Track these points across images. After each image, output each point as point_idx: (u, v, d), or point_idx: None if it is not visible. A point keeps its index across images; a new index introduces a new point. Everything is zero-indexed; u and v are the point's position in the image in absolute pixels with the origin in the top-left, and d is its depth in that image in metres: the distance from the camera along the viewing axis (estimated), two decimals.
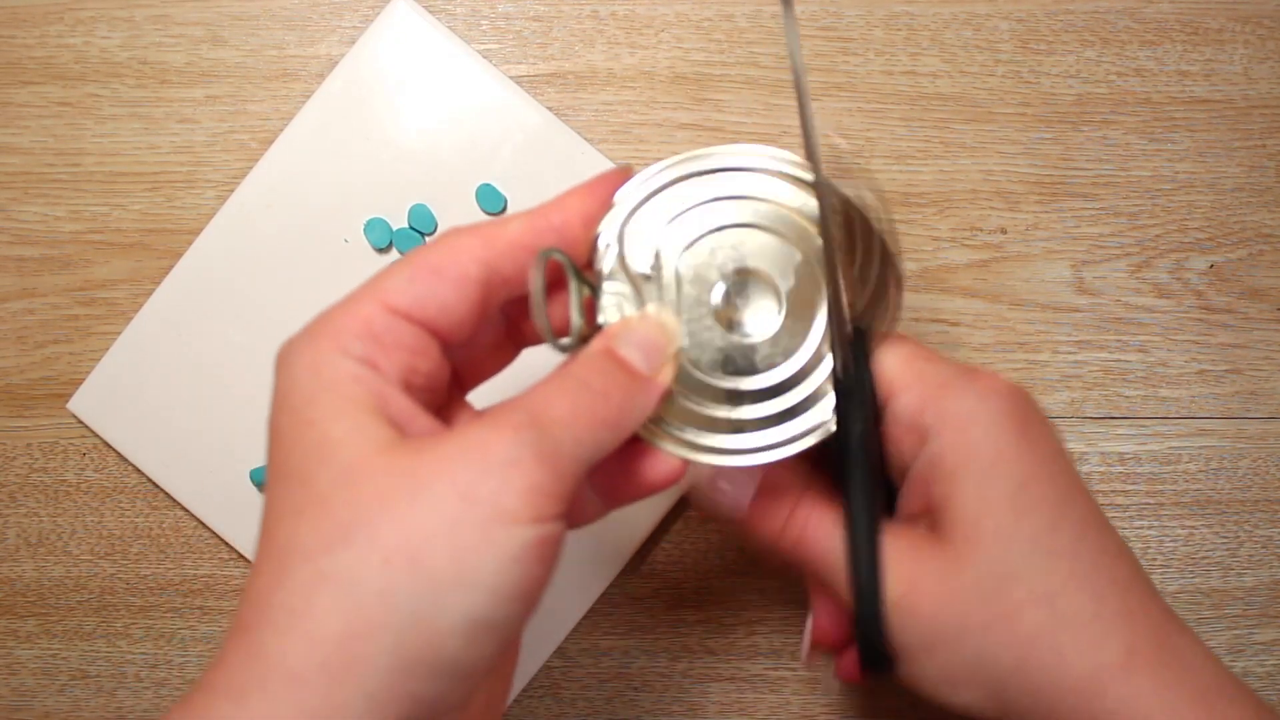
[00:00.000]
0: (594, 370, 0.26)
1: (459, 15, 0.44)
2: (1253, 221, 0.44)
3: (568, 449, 0.24)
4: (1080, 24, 0.44)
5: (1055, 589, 0.27)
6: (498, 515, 0.22)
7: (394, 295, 0.25)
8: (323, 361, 0.24)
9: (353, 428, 0.23)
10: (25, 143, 0.43)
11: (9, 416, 0.43)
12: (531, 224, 0.27)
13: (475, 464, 0.23)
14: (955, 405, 0.28)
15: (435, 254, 0.26)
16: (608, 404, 0.25)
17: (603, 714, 0.43)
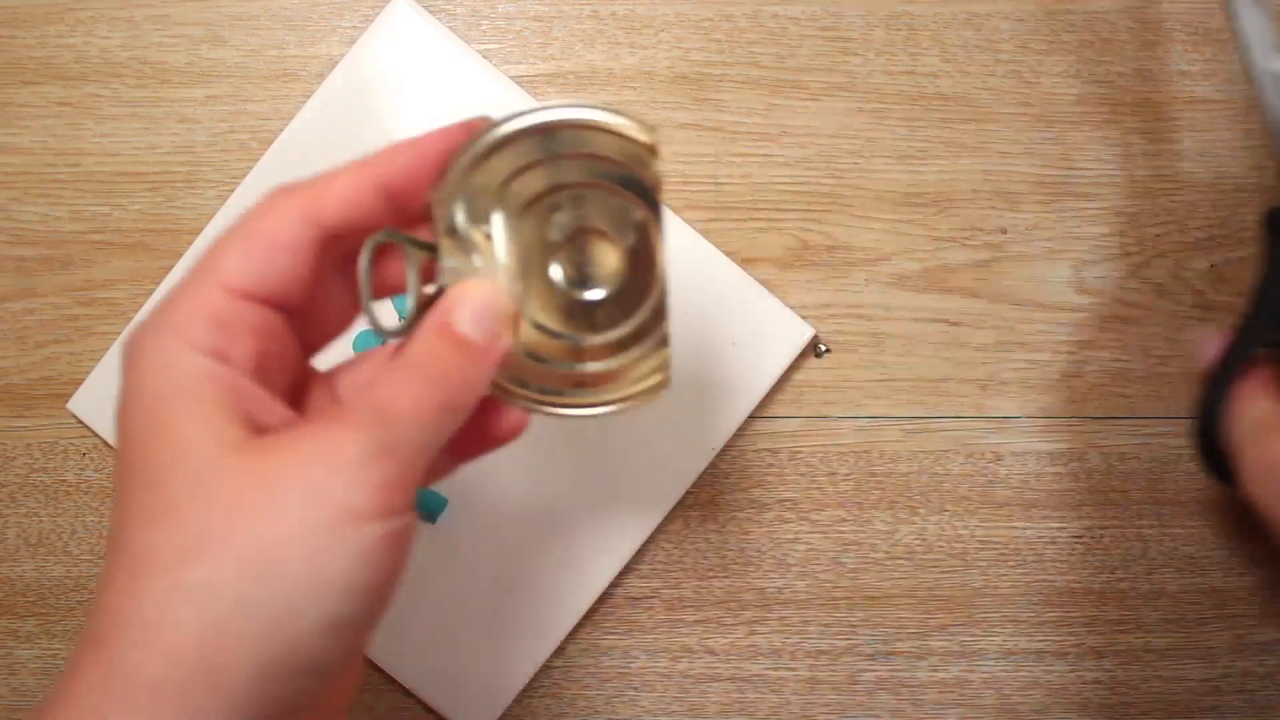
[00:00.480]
0: (432, 354, 0.25)
1: (459, 15, 0.44)
2: (1253, 221, 0.44)
3: (413, 440, 0.24)
4: (1080, 24, 0.44)
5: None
6: (348, 515, 0.23)
7: (234, 276, 0.24)
8: (172, 359, 0.24)
9: (204, 430, 0.23)
10: (25, 143, 0.43)
11: (9, 416, 0.43)
12: (357, 177, 0.26)
13: (325, 466, 0.23)
14: None
15: (265, 222, 0.25)
16: (447, 387, 0.25)
17: (603, 714, 0.43)
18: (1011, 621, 0.43)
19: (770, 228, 0.44)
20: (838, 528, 0.43)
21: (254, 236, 0.25)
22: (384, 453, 0.23)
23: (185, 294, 0.25)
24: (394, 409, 0.24)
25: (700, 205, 0.44)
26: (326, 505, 0.22)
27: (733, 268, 0.43)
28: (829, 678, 0.43)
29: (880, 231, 0.44)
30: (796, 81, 0.44)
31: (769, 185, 0.44)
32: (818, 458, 0.44)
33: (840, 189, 0.44)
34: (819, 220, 0.44)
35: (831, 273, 0.44)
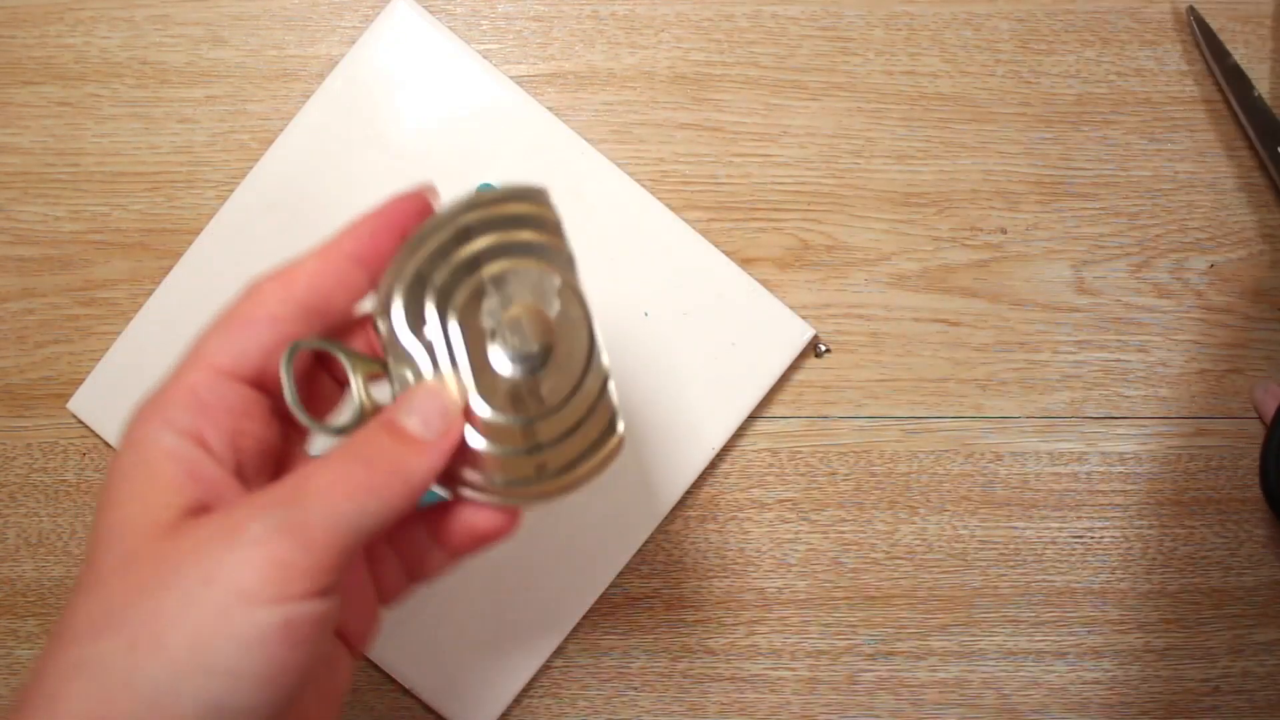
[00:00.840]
0: (364, 439, 0.25)
1: (459, 15, 0.44)
2: (1253, 221, 0.44)
3: (323, 520, 0.23)
4: (1080, 24, 0.44)
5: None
6: (237, 597, 0.22)
7: (216, 355, 0.25)
8: (145, 437, 0.25)
9: (143, 509, 0.24)
10: (25, 143, 0.43)
11: (9, 416, 0.43)
12: (327, 252, 0.27)
13: (221, 545, 0.23)
14: None
15: (241, 305, 0.26)
16: (372, 470, 0.24)
17: (603, 714, 0.43)
18: (1011, 621, 0.43)
19: (770, 228, 0.44)
20: (838, 528, 0.43)
21: (234, 317, 0.26)
22: (281, 531, 0.23)
23: (173, 375, 0.26)
24: (307, 486, 0.24)
25: (700, 205, 0.44)
26: (216, 585, 0.22)
27: (733, 268, 0.43)
28: (829, 678, 0.43)
29: (880, 231, 0.44)
30: (796, 81, 0.44)
31: (769, 185, 0.44)
32: (818, 458, 0.44)
33: (840, 189, 0.44)
34: (819, 220, 0.44)
35: (831, 273, 0.44)
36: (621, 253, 0.43)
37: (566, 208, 0.42)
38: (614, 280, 0.43)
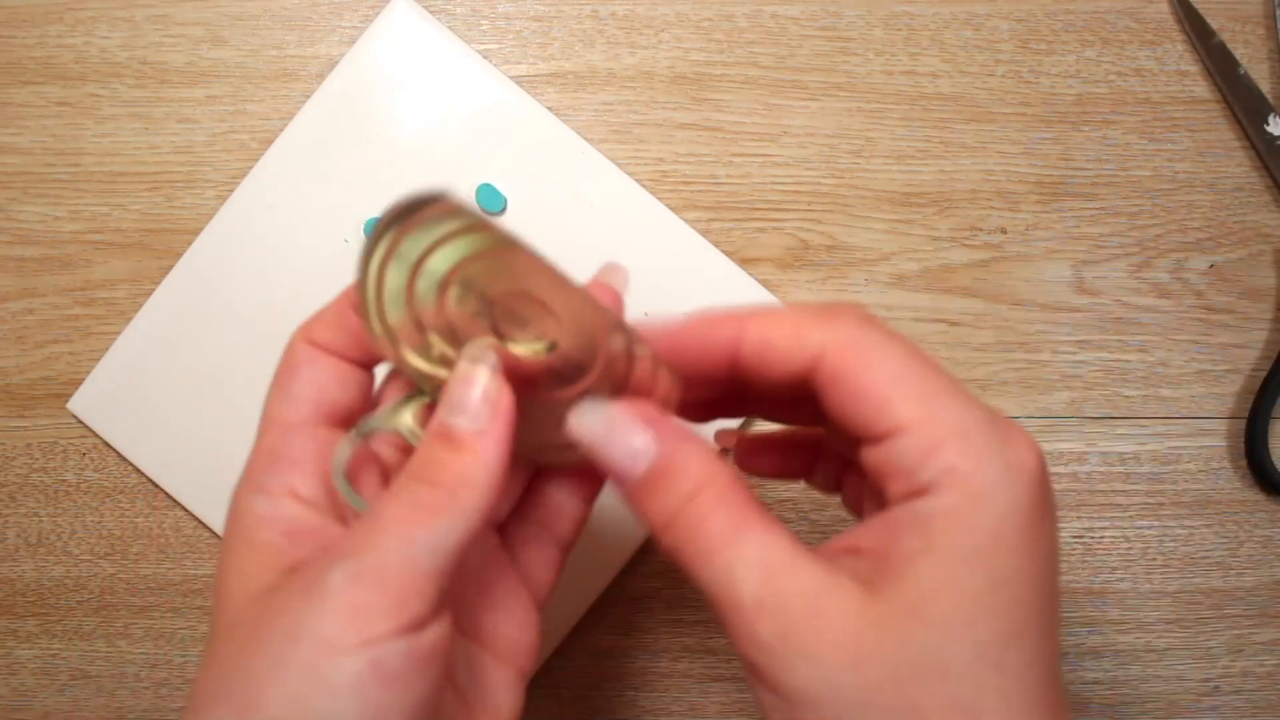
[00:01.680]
0: (422, 457, 0.25)
1: (459, 15, 0.44)
2: (1253, 221, 0.44)
3: (398, 555, 0.23)
4: (1080, 24, 0.44)
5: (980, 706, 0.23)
6: (322, 649, 0.22)
7: (280, 413, 0.26)
8: (240, 509, 0.25)
9: (244, 579, 0.24)
10: (25, 143, 0.43)
11: (9, 416, 0.43)
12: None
13: (303, 600, 0.23)
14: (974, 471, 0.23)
15: (286, 358, 0.27)
16: (436, 488, 0.24)
17: (603, 714, 0.43)
18: None
19: (770, 228, 0.44)
20: (837, 528, 0.43)
21: (281, 372, 0.27)
22: (360, 576, 0.23)
23: (255, 446, 0.26)
24: (377, 525, 0.24)
25: (700, 205, 0.44)
26: (302, 641, 0.22)
27: (733, 268, 0.43)
28: None
29: (880, 231, 0.44)
30: (796, 81, 0.44)
31: (769, 185, 0.44)
32: None
33: (840, 189, 0.44)
34: (819, 220, 0.44)
35: (831, 273, 0.44)
36: (621, 253, 0.43)
37: (566, 208, 0.43)
38: None
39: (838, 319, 0.24)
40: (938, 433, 0.23)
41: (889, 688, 0.22)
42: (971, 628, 0.23)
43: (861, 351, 0.24)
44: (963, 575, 0.23)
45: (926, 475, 0.23)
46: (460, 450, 0.24)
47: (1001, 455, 0.23)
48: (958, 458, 0.23)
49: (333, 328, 0.27)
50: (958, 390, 0.24)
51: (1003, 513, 0.23)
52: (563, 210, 0.43)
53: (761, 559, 0.23)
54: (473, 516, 0.24)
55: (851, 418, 0.24)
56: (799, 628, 0.23)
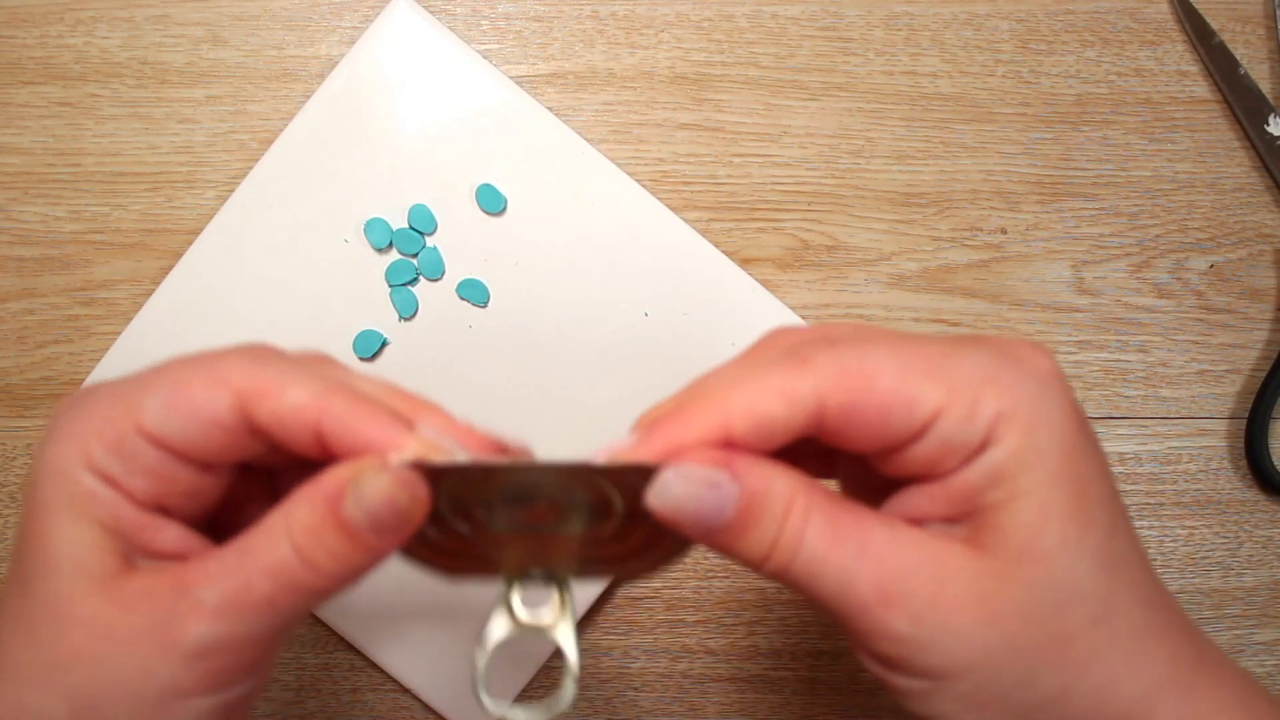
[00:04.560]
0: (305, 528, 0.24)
1: (459, 15, 0.44)
2: (1253, 221, 0.44)
3: (258, 628, 0.24)
4: (1080, 24, 0.44)
5: (1112, 605, 0.24)
6: (175, 695, 0.24)
7: (148, 420, 0.24)
8: (69, 470, 0.24)
9: (73, 553, 0.24)
10: (25, 143, 0.43)
11: (9, 416, 0.43)
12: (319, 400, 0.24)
13: (157, 648, 0.24)
14: (1016, 405, 0.23)
15: (198, 387, 0.24)
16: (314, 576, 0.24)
17: (603, 714, 0.43)
18: None
19: (770, 228, 0.44)
20: None
21: (182, 390, 0.24)
22: (219, 646, 0.24)
23: (103, 412, 0.24)
24: (243, 594, 0.24)
25: (700, 205, 0.44)
26: (153, 684, 0.24)
27: (733, 268, 0.43)
28: (829, 678, 0.43)
29: (880, 231, 0.44)
30: (796, 81, 0.44)
31: (769, 185, 0.44)
32: None
33: (840, 189, 0.44)
34: (819, 220, 0.44)
35: (831, 273, 0.44)
36: (621, 253, 0.43)
37: (566, 208, 0.43)
38: (614, 280, 0.43)
39: (813, 359, 0.24)
40: (969, 393, 0.23)
41: (1031, 630, 0.23)
42: (1081, 543, 0.24)
43: (858, 374, 0.23)
44: (1053, 501, 0.23)
45: (979, 433, 0.23)
46: (349, 541, 0.24)
47: (1029, 375, 0.24)
48: (997, 402, 0.23)
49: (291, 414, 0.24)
50: (951, 344, 0.24)
51: (1056, 426, 0.24)
52: (563, 210, 0.43)
53: (870, 553, 0.23)
54: (337, 594, 0.25)
55: (882, 434, 0.24)
56: (930, 607, 0.23)
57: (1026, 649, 0.24)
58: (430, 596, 0.42)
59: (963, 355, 0.24)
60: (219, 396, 0.24)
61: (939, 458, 0.24)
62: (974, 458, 0.23)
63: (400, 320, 0.43)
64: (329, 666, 0.43)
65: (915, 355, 0.24)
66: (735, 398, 0.23)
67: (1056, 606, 0.24)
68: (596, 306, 0.43)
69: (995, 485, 0.23)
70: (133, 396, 0.24)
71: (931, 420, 0.23)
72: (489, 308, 0.43)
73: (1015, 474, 0.23)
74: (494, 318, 0.43)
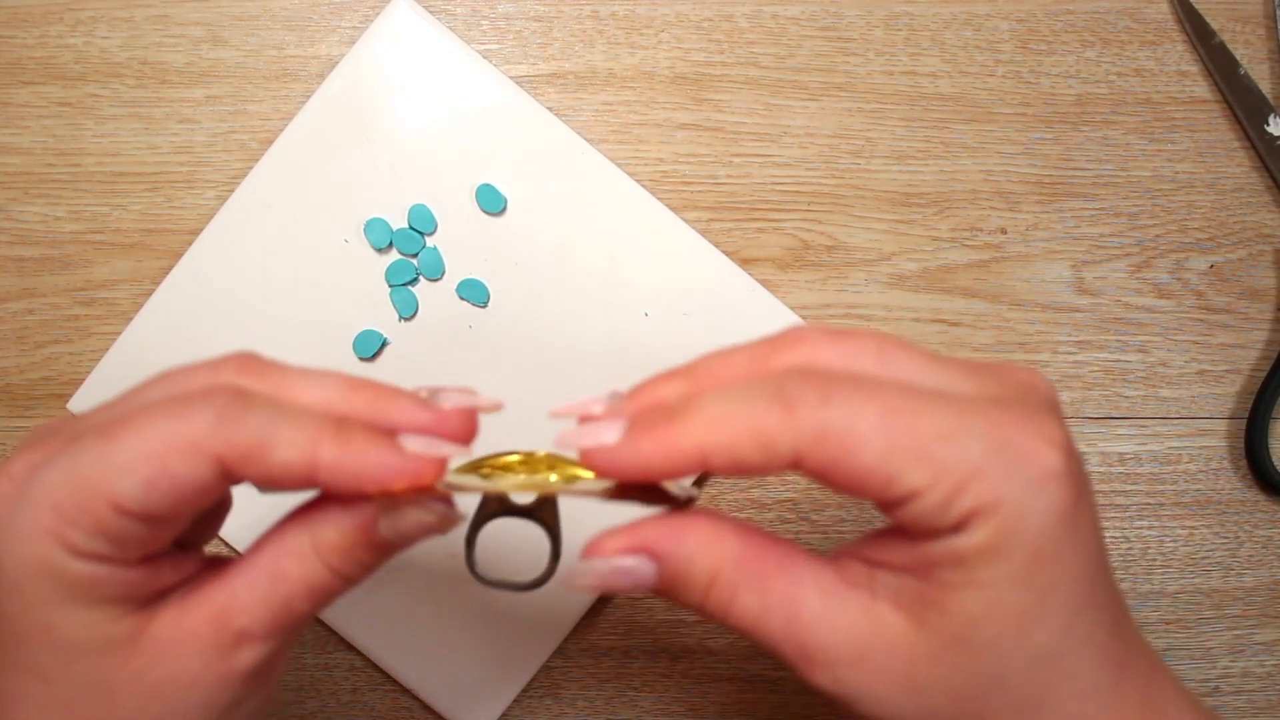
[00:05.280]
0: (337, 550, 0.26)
1: (459, 15, 0.44)
2: (1253, 221, 0.44)
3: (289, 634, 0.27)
4: (1080, 24, 0.44)
5: (1046, 699, 0.24)
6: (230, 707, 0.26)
7: (126, 499, 0.23)
8: (56, 564, 0.24)
9: (98, 635, 0.25)
10: (25, 143, 0.43)
11: (9, 416, 0.43)
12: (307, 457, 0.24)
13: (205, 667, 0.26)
14: (999, 501, 0.22)
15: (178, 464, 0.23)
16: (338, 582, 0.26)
17: (603, 714, 0.43)
18: None
19: (770, 228, 0.44)
20: (838, 528, 0.43)
21: (159, 468, 0.23)
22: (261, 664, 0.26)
23: (68, 496, 0.23)
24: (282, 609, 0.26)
25: (700, 205, 0.44)
26: (215, 708, 0.26)
27: (733, 268, 0.43)
28: None
29: (880, 231, 0.44)
30: (796, 81, 0.44)
31: (769, 185, 0.44)
32: None
33: (840, 189, 0.44)
34: (819, 220, 0.44)
35: (831, 273, 0.44)
36: (621, 253, 0.43)
37: (566, 208, 0.43)
38: (614, 280, 0.43)
39: (799, 409, 0.23)
40: (950, 483, 0.22)
41: (950, 707, 0.24)
42: (1024, 642, 0.23)
43: (840, 442, 0.23)
44: (1007, 599, 0.23)
45: (953, 518, 0.23)
46: (373, 550, 0.26)
47: (1021, 472, 0.23)
48: (978, 498, 0.22)
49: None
50: (951, 418, 0.23)
51: (1036, 530, 0.23)
52: (563, 210, 0.43)
53: (802, 621, 0.24)
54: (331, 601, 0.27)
55: (857, 494, 0.23)
56: (852, 672, 0.24)
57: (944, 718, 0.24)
58: (431, 597, 0.42)
59: (959, 440, 0.23)
60: (199, 467, 0.23)
61: (908, 525, 0.23)
62: (943, 536, 0.23)
63: (400, 320, 0.43)
64: (329, 666, 0.43)
65: (905, 432, 0.22)
66: (714, 432, 0.23)
67: (979, 694, 0.24)
68: (596, 306, 0.43)
69: (954, 568, 0.23)
70: (98, 477, 0.23)
71: (907, 498, 0.23)
72: (489, 308, 0.43)
73: (976, 565, 0.23)
74: (494, 318, 0.43)
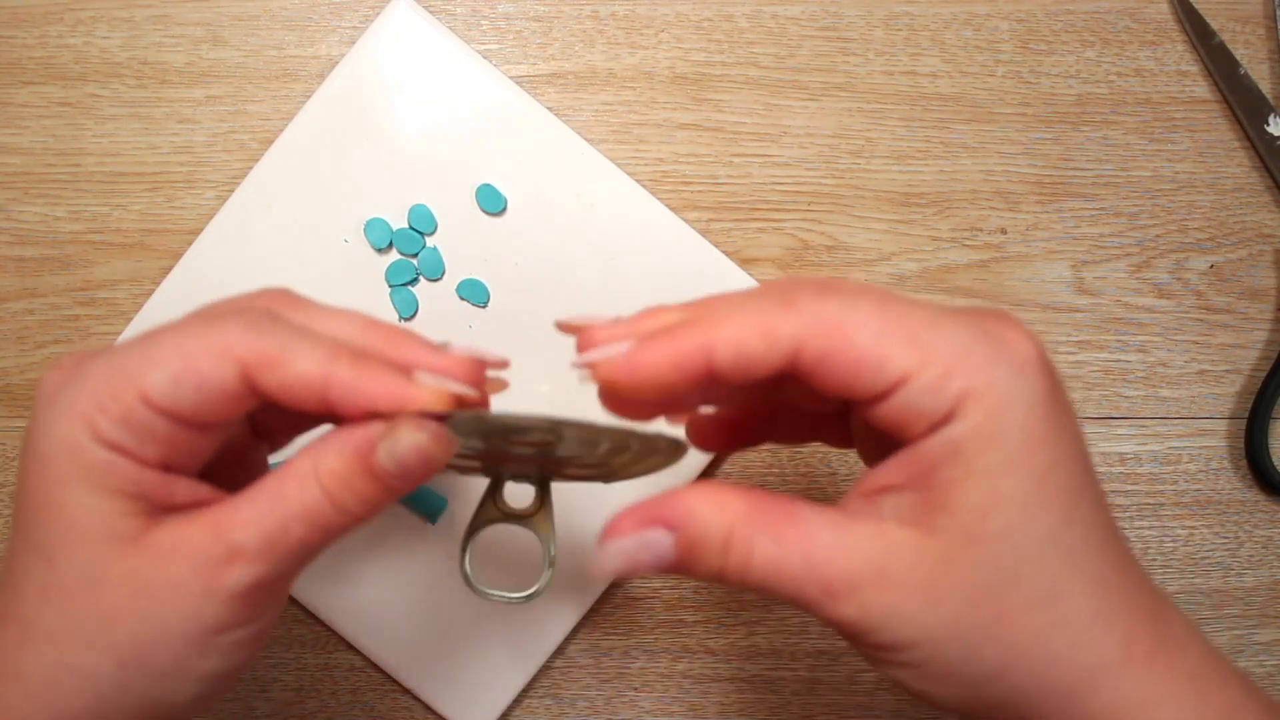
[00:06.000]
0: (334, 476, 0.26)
1: (459, 15, 0.44)
2: (1253, 221, 0.44)
3: (292, 565, 0.26)
4: (1080, 24, 0.44)
5: (1057, 589, 0.25)
6: (216, 630, 0.26)
7: (154, 392, 0.25)
8: (79, 445, 0.25)
9: (102, 522, 0.25)
10: (25, 143, 0.43)
11: (9, 416, 0.43)
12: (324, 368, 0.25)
13: (198, 592, 0.25)
14: (986, 385, 0.24)
15: (203, 359, 0.25)
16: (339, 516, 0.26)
17: (603, 714, 0.43)
18: None
19: (770, 228, 0.44)
20: None
21: (188, 364, 0.25)
22: (255, 587, 0.26)
23: (104, 385, 0.25)
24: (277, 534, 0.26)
25: (700, 205, 0.44)
26: (201, 626, 0.25)
27: (733, 268, 0.43)
28: (829, 678, 0.43)
29: (880, 232, 0.44)
30: (796, 81, 0.44)
31: (769, 185, 0.44)
32: (818, 458, 0.44)
33: (840, 189, 0.44)
34: (819, 220, 0.44)
35: (831, 273, 0.44)
36: (621, 253, 0.43)
37: (566, 208, 0.43)
38: (614, 280, 0.43)
39: (799, 303, 0.24)
40: (940, 365, 0.24)
41: (970, 610, 0.24)
42: (1028, 529, 0.24)
43: (838, 327, 0.24)
44: (1007, 485, 0.24)
45: (944, 405, 0.24)
46: (374, 484, 0.26)
47: (1005, 358, 0.24)
48: (966, 379, 0.24)
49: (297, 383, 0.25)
50: (938, 314, 0.25)
51: (1024, 412, 0.24)
52: (563, 210, 0.43)
53: (817, 559, 0.25)
54: (349, 531, 0.26)
55: (851, 387, 0.24)
56: (875, 595, 0.24)
57: (966, 630, 0.24)
58: (430, 597, 0.42)
59: (944, 327, 0.24)
60: (225, 369, 0.25)
61: (904, 421, 0.24)
62: (937, 429, 0.24)
63: (400, 320, 0.43)
64: (329, 666, 0.43)
65: (897, 319, 0.24)
66: (721, 329, 0.24)
67: (996, 589, 0.24)
68: (596, 306, 0.43)
69: (952, 461, 0.24)
70: (134, 368, 0.25)
71: (899, 383, 0.24)
72: (489, 308, 0.43)
73: (972, 453, 0.24)
74: (494, 318, 0.43)
